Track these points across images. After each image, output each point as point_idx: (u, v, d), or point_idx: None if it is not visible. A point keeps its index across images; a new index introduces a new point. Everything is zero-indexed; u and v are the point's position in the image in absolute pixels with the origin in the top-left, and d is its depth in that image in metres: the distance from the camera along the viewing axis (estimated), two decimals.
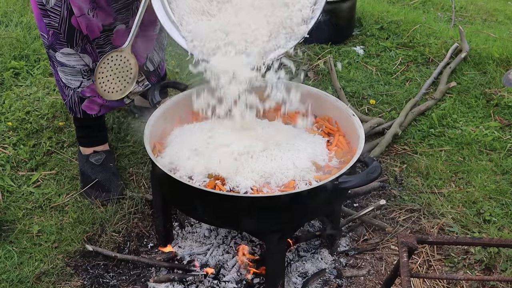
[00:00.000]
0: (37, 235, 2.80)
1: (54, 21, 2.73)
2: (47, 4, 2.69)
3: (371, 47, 4.60)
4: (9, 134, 3.42)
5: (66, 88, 2.96)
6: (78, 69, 2.89)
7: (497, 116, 3.74)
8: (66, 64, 2.87)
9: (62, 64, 2.87)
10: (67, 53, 2.84)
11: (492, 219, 2.93)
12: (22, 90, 3.82)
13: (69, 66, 2.88)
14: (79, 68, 2.89)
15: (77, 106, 3.00)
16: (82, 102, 3.00)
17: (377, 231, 2.89)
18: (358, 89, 4.01)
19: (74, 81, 2.93)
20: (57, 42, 2.80)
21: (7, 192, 3.04)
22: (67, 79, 2.92)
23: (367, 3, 5.47)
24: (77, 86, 2.94)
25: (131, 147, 3.38)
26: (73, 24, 2.74)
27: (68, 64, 2.87)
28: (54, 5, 2.69)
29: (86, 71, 2.91)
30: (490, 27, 5.35)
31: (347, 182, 2.22)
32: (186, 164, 2.37)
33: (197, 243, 2.76)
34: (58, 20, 2.73)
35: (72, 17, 2.72)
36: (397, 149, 3.45)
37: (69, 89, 2.95)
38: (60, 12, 2.70)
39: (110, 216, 2.89)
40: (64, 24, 2.74)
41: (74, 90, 2.95)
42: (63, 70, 2.90)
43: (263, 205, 2.21)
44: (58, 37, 2.78)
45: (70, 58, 2.85)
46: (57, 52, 2.84)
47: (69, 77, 2.92)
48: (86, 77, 2.93)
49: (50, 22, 2.74)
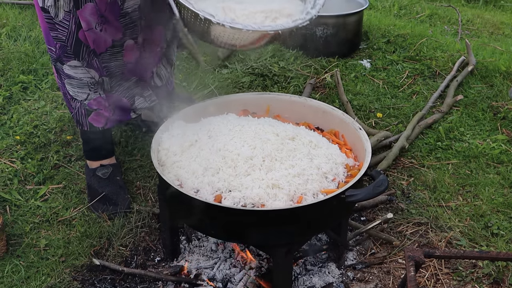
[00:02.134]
0: (44, 249, 2.81)
1: (62, 34, 2.75)
2: (55, 17, 2.71)
3: (378, 60, 4.61)
4: (17, 148, 3.43)
5: (73, 101, 2.97)
6: (85, 81, 2.91)
7: (504, 129, 3.74)
8: (73, 77, 2.89)
9: (70, 76, 2.89)
10: (74, 65, 2.85)
11: (500, 233, 2.92)
12: (30, 104, 3.84)
13: (76, 78, 2.89)
14: (86, 81, 2.90)
15: (84, 118, 3.02)
16: (89, 115, 3.01)
17: (385, 244, 2.89)
18: (365, 103, 4.01)
19: (81, 93, 2.94)
20: (64, 54, 2.82)
21: (15, 206, 3.05)
22: (74, 92, 2.94)
23: (374, 16, 5.49)
24: (84, 98, 2.95)
25: (139, 161, 3.39)
26: (80, 38, 2.76)
27: (76, 77, 2.89)
28: (63, 19, 2.71)
29: (93, 83, 2.92)
30: (496, 40, 5.36)
31: (354, 196, 2.22)
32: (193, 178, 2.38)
33: (204, 257, 2.76)
34: (66, 34, 2.75)
35: (80, 31, 2.73)
36: (404, 163, 3.45)
37: (76, 101, 2.97)
38: (68, 26, 2.72)
39: (117, 230, 2.90)
40: (71, 38, 2.76)
41: (81, 102, 2.97)
42: (70, 83, 2.91)
43: (270, 219, 2.21)
44: (65, 49, 2.80)
45: (78, 70, 2.87)
46: (64, 65, 2.86)
47: (76, 90, 2.93)
48: (93, 90, 2.94)
49: (57, 35, 2.76)
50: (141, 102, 3.15)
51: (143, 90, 3.14)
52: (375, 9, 5.99)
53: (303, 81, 4.23)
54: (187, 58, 4.45)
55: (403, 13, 5.97)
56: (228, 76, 4.20)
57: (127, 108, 3.11)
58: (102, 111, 3.01)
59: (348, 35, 4.63)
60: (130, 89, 3.08)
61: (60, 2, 2.66)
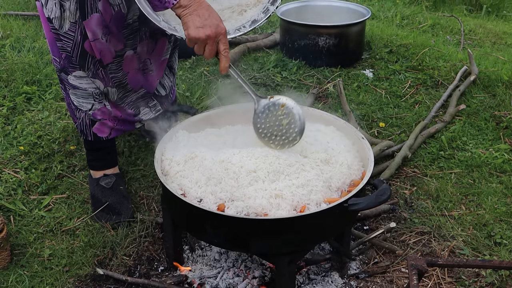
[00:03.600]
0: (48, 259, 2.81)
1: (67, 45, 2.76)
2: (60, 29, 2.72)
3: (380, 70, 4.62)
4: (21, 158, 3.45)
5: (78, 111, 2.99)
6: (90, 92, 2.92)
7: (507, 138, 3.74)
8: (78, 87, 2.90)
9: (75, 87, 2.90)
10: (79, 76, 2.87)
11: (503, 242, 2.92)
12: (34, 114, 3.86)
13: (81, 88, 2.91)
14: (91, 91, 2.92)
15: (88, 128, 3.03)
16: (93, 125, 3.02)
17: (387, 254, 2.89)
18: (367, 112, 4.02)
19: (86, 103, 2.96)
20: (69, 65, 2.83)
21: (19, 216, 3.06)
22: (78, 102, 2.95)
23: (376, 26, 5.51)
24: (89, 108, 2.97)
25: (142, 170, 3.40)
26: (86, 48, 2.77)
27: (80, 87, 2.90)
28: (68, 30, 2.72)
29: (98, 94, 2.94)
30: (499, 50, 5.37)
31: (357, 205, 2.22)
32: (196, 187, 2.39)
33: (208, 266, 2.77)
34: (71, 45, 2.76)
35: (85, 41, 2.75)
36: (407, 172, 3.45)
37: (81, 111, 2.98)
38: (73, 36, 2.73)
39: (120, 240, 2.90)
40: (77, 48, 2.77)
41: (86, 112, 2.98)
42: (75, 93, 2.93)
43: (273, 228, 2.22)
44: (71, 60, 2.81)
45: (83, 81, 2.89)
46: (69, 75, 2.87)
47: (80, 100, 2.95)
48: (98, 100, 2.96)
49: (63, 46, 2.78)
50: (146, 113, 3.16)
51: (149, 100, 3.16)
52: (377, 19, 6.01)
53: (306, 91, 4.24)
54: (190, 69, 4.47)
55: (405, 23, 5.99)
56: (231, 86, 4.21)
57: (132, 118, 3.13)
58: (106, 121, 3.03)
59: (351, 45, 4.65)
60: (138, 101, 3.10)
61: (66, 13, 2.67)
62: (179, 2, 2.35)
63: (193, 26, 2.36)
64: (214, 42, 2.39)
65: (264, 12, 2.71)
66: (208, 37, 2.36)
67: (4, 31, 4.90)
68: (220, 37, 2.40)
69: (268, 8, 2.71)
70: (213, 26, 2.37)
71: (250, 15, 2.71)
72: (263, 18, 2.69)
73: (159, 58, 3.09)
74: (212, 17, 2.38)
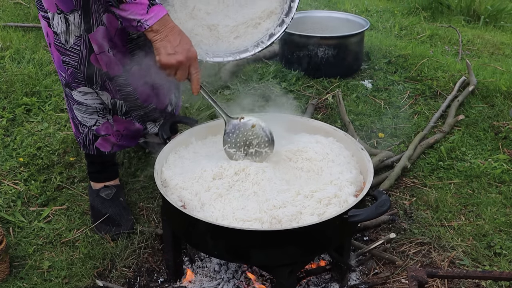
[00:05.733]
0: (47, 270, 2.81)
1: (73, 60, 2.76)
2: (66, 43, 2.71)
3: (379, 81, 4.63)
4: (21, 170, 3.45)
5: (81, 126, 2.99)
6: (94, 107, 2.92)
7: (506, 148, 3.75)
8: (82, 103, 2.90)
9: (79, 102, 2.90)
10: (84, 91, 2.86)
11: (502, 252, 2.92)
12: (34, 126, 3.86)
13: (86, 104, 2.90)
14: (95, 107, 2.91)
15: (91, 143, 3.03)
16: (96, 140, 3.02)
17: (387, 264, 2.89)
18: (366, 123, 4.03)
19: (90, 119, 2.95)
20: (74, 80, 2.82)
21: (18, 227, 3.05)
22: (82, 117, 2.95)
23: (375, 37, 5.52)
24: (92, 124, 2.97)
25: (142, 181, 3.40)
26: (92, 62, 2.76)
27: (85, 103, 2.90)
28: (74, 44, 2.71)
29: (102, 109, 2.93)
30: (497, 60, 5.38)
31: (357, 216, 2.22)
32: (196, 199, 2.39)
33: (208, 278, 2.76)
34: (77, 59, 2.75)
35: (91, 55, 2.74)
36: (406, 182, 3.46)
37: (84, 126, 2.98)
38: (79, 50, 2.73)
39: (120, 251, 2.90)
40: (83, 63, 2.76)
41: (89, 128, 2.98)
42: (79, 108, 2.92)
43: (273, 239, 2.22)
44: (76, 76, 2.80)
45: (87, 96, 2.88)
46: (73, 91, 2.86)
47: (84, 115, 2.94)
48: (101, 116, 2.95)
49: (68, 61, 2.77)
50: (152, 128, 3.16)
51: (156, 116, 3.16)
52: (376, 30, 6.02)
53: (305, 102, 4.25)
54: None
55: (403, 33, 6.00)
56: (230, 97, 4.22)
57: (139, 133, 3.12)
58: (110, 136, 3.02)
59: (350, 56, 4.66)
60: (146, 116, 3.09)
61: (71, 27, 2.66)
62: (151, 27, 2.38)
63: (164, 52, 2.40)
64: (185, 67, 2.45)
65: (279, 25, 2.73)
66: (179, 63, 2.43)
67: (4, 42, 4.91)
68: (191, 62, 2.45)
69: (283, 20, 2.73)
70: (184, 52, 2.42)
71: (265, 28, 2.74)
72: (280, 31, 2.73)
73: None
74: (183, 42, 2.43)
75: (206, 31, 2.72)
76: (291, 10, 2.75)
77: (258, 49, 2.71)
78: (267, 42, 2.72)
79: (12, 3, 5.93)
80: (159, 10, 2.38)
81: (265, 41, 2.72)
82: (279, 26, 2.73)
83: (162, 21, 2.39)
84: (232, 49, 2.72)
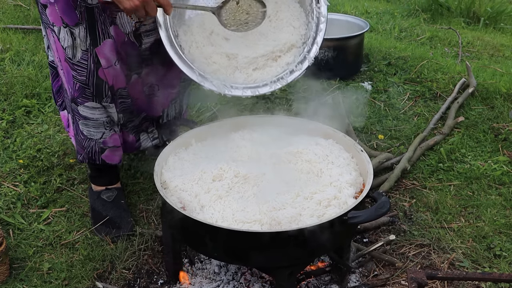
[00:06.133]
0: (47, 272, 2.81)
1: (81, 75, 2.74)
2: (73, 58, 2.70)
3: (379, 82, 4.63)
4: (20, 172, 3.45)
5: (87, 141, 2.96)
6: (101, 121, 2.89)
7: (506, 150, 3.75)
8: (89, 118, 2.87)
9: (85, 117, 2.87)
10: (92, 106, 2.84)
11: (502, 254, 2.92)
12: (34, 128, 3.86)
13: (93, 119, 2.88)
14: (102, 121, 2.89)
15: (97, 155, 3.01)
16: (103, 152, 3.00)
17: (387, 266, 2.89)
18: (366, 125, 4.03)
19: (96, 133, 2.93)
20: (82, 95, 2.80)
21: (18, 229, 3.05)
22: (89, 131, 2.92)
23: (375, 39, 5.53)
24: (99, 137, 2.95)
25: (141, 183, 3.40)
26: (100, 76, 2.75)
27: (92, 118, 2.87)
28: (81, 59, 2.69)
29: (109, 122, 2.91)
30: (497, 62, 5.38)
31: (357, 218, 2.22)
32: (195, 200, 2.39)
33: (207, 280, 2.76)
34: (85, 74, 2.73)
35: (99, 69, 2.72)
36: (406, 184, 3.46)
37: (91, 140, 2.96)
38: (86, 65, 2.71)
39: (120, 253, 2.90)
40: (92, 77, 2.74)
41: (96, 141, 2.96)
42: (85, 123, 2.90)
43: (273, 241, 2.22)
44: (85, 91, 2.78)
45: (95, 111, 2.85)
46: (79, 106, 2.84)
47: (91, 130, 2.92)
48: (108, 128, 2.93)
49: (76, 76, 2.75)
50: (144, 139, 3.15)
51: (148, 126, 3.15)
52: (376, 32, 6.03)
53: (305, 104, 4.24)
54: None
55: (403, 35, 6.01)
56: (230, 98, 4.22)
57: (132, 145, 3.13)
58: (118, 148, 3.02)
59: (349, 58, 4.66)
60: (140, 125, 3.09)
61: (77, 40, 2.65)
62: None
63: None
64: (150, 1, 2.37)
65: (301, 62, 2.68)
66: (144, 2, 2.35)
67: (4, 44, 4.91)
68: None
69: (305, 57, 2.69)
70: None
71: (285, 62, 2.70)
72: (301, 69, 2.68)
73: (171, 88, 3.08)
74: None
75: (225, 59, 2.68)
76: (314, 47, 2.72)
77: (278, 85, 2.66)
78: (288, 78, 2.67)
79: (12, 5, 5.94)
80: None
81: (285, 77, 2.67)
82: (301, 63, 2.68)
83: None
84: (249, 82, 2.67)
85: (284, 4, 2.76)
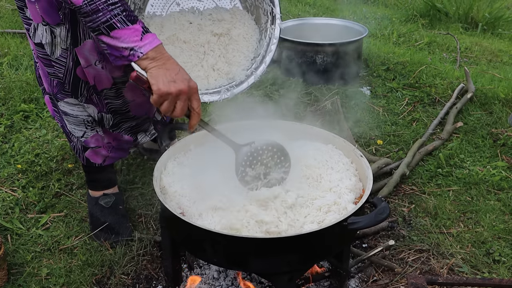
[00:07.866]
0: (45, 278, 2.80)
1: (59, 71, 2.70)
2: (51, 55, 2.65)
3: (377, 88, 4.63)
4: (19, 177, 3.44)
5: (71, 135, 2.94)
6: (82, 119, 2.85)
7: (504, 155, 3.75)
8: (69, 114, 2.84)
9: (66, 113, 2.84)
10: (71, 102, 2.80)
11: (501, 259, 2.91)
12: (32, 132, 3.85)
13: (73, 115, 2.85)
14: (82, 118, 2.85)
15: (81, 153, 2.99)
16: (86, 151, 2.98)
17: (387, 271, 2.88)
18: (365, 130, 4.03)
19: (78, 130, 2.90)
20: (60, 92, 2.76)
21: (16, 235, 3.04)
22: (71, 127, 2.90)
23: (373, 44, 5.54)
24: (80, 135, 2.91)
25: (140, 188, 3.39)
26: (78, 75, 2.70)
27: (72, 114, 2.84)
28: (60, 56, 2.65)
29: (90, 121, 2.87)
30: (495, 67, 5.39)
31: (356, 223, 2.22)
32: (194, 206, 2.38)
33: (206, 285, 2.76)
34: (63, 71, 2.69)
35: (77, 68, 2.68)
36: (405, 189, 3.45)
37: (73, 136, 2.94)
38: (65, 63, 2.67)
39: (119, 258, 2.89)
40: (69, 75, 2.70)
41: (78, 139, 2.94)
42: (66, 119, 2.87)
43: (272, 246, 2.21)
44: (63, 87, 2.75)
45: (74, 108, 2.82)
46: (59, 102, 2.81)
47: (72, 126, 2.89)
48: (90, 128, 2.89)
49: (54, 72, 2.70)
50: (143, 137, 3.13)
51: (147, 125, 3.14)
52: (374, 37, 6.04)
53: (304, 109, 4.25)
54: None
55: (402, 40, 6.02)
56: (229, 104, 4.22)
57: (128, 145, 3.10)
58: (100, 149, 2.98)
59: (348, 63, 4.66)
60: (137, 127, 3.07)
61: (57, 39, 2.60)
62: (146, 54, 2.24)
63: (163, 80, 2.23)
64: (186, 99, 2.27)
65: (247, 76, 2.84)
66: (180, 91, 2.24)
67: (2, 49, 4.91)
68: (192, 93, 2.29)
69: (252, 73, 2.82)
70: (185, 81, 2.26)
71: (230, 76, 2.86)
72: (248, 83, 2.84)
73: None
74: (182, 72, 2.28)
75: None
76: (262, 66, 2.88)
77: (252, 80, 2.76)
78: (234, 91, 2.78)
79: (10, 10, 5.94)
80: (154, 38, 2.28)
81: (230, 89, 2.75)
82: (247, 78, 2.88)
83: (158, 49, 2.27)
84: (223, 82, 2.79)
85: (239, 22, 2.80)
